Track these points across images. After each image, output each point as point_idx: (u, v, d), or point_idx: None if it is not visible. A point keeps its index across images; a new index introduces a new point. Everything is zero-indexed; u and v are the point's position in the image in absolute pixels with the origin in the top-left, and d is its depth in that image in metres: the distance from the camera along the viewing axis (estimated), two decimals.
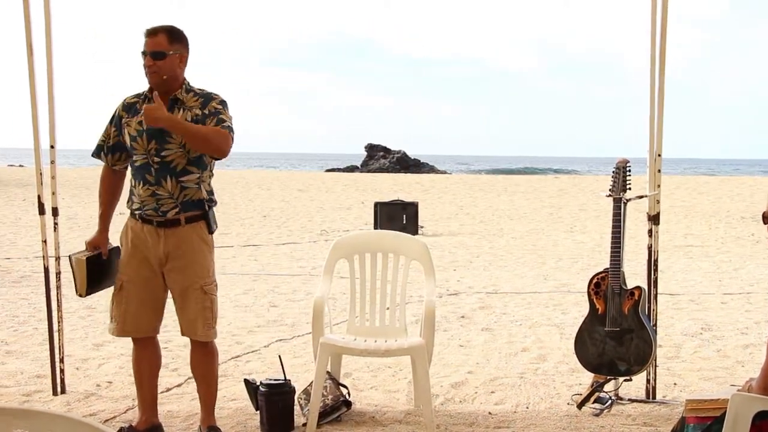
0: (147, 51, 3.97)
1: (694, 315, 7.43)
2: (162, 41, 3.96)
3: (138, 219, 4.08)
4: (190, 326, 4.12)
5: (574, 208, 20.58)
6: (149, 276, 4.08)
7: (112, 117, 4.14)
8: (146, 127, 3.98)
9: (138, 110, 4.04)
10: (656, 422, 4.52)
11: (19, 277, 9.32)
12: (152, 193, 4.00)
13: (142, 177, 4.03)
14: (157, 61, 3.95)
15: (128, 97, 4.15)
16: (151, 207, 4.02)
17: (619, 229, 4.74)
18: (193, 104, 4.03)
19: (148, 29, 3.99)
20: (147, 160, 4.01)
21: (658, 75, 4.71)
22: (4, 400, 4.91)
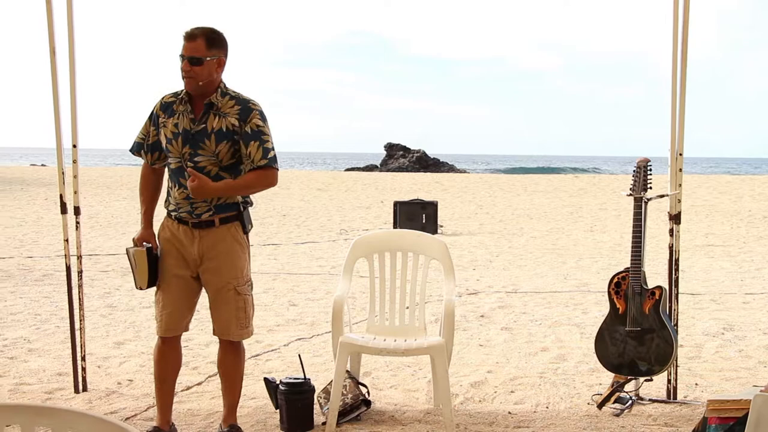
0: (185, 56, 3.91)
1: (715, 315, 7.38)
2: (200, 46, 3.89)
3: (174, 219, 4.08)
4: (224, 327, 4.14)
5: (595, 207, 20.49)
6: (185, 275, 4.08)
7: (151, 115, 4.11)
8: (181, 130, 3.97)
9: (174, 111, 4.02)
10: (677, 423, 4.49)
11: (41, 276, 9.39)
12: (187, 196, 3.99)
13: (176, 180, 4.02)
14: (195, 67, 3.89)
15: (166, 95, 4.10)
16: (185, 209, 4.02)
17: (639, 229, 4.72)
18: (229, 110, 3.97)
19: (187, 32, 3.93)
20: (181, 164, 4.00)
21: (680, 74, 4.68)
22: (27, 397, 4.95)
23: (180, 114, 4.01)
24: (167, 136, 4.01)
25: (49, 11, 4.77)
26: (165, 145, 4.03)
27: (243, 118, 3.97)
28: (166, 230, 4.12)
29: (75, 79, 4.86)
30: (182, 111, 4.01)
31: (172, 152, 4.01)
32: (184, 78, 3.93)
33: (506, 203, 21.77)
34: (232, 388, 4.24)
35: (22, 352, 5.97)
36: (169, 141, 4.00)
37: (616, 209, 19.42)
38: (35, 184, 26.76)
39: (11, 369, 5.52)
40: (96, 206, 18.97)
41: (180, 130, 3.98)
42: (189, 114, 3.99)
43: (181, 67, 3.92)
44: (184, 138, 3.97)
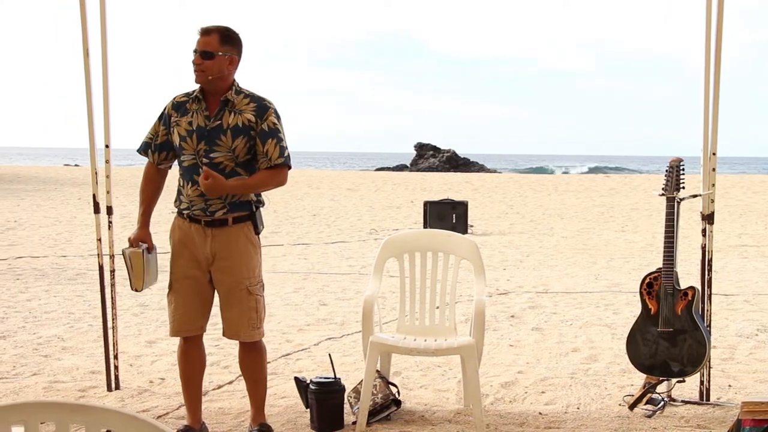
0: (197, 49, 3.97)
1: (749, 316, 7.30)
2: (213, 41, 3.96)
3: (186, 218, 4.10)
4: (234, 327, 4.13)
5: (626, 207, 20.34)
6: (197, 275, 4.11)
7: (161, 115, 4.14)
8: (195, 127, 4.00)
9: (187, 110, 4.06)
10: (710, 424, 4.45)
11: (74, 275, 9.50)
12: (201, 194, 4.00)
13: (190, 177, 4.04)
14: (206, 61, 3.95)
15: (178, 95, 4.14)
16: (199, 207, 4.04)
17: (672, 229, 4.68)
18: (245, 108, 4.02)
19: (203, 28, 4.00)
20: (196, 161, 4.02)
21: (713, 73, 4.63)
22: (61, 395, 5.01)
23: (193, 112, 4.04)
24: (181, 134, 4.04)
25: (83, 14, 4.82)
26: (179, 143, 4.04)
27: (259, 115, 4.02)
28: (178, 231, 4.14)
29: (108, 80, 4.92)
30: (196, 109, 4.04)
31: (186, 149, 4.03)
32: (195, 71, 3.98)
33: (537, 203, 21.67)
34: (255, 387, 4.26)
35: (56, 351, 6.03)
36: (183, 138, 4.03)
37: (647, 209, 19.26)
38: (69, 184, 27.06)
39: (45, 367, 5.59)
40: (128, 206, 19.13)
41: (194, 127, 4.01)
42: (204, 111, 4.03)
43: (192, 61, 3.98)
44: (199, 134, 4.00)
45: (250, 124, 4.00)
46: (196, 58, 3.97)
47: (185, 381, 4.25)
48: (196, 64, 3.97)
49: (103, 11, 4.84)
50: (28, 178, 30.02)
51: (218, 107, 4.02)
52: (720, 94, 4.66)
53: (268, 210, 4.35)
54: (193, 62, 3.98)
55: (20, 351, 6.02)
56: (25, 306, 7.68)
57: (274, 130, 4.02)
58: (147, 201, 4.25)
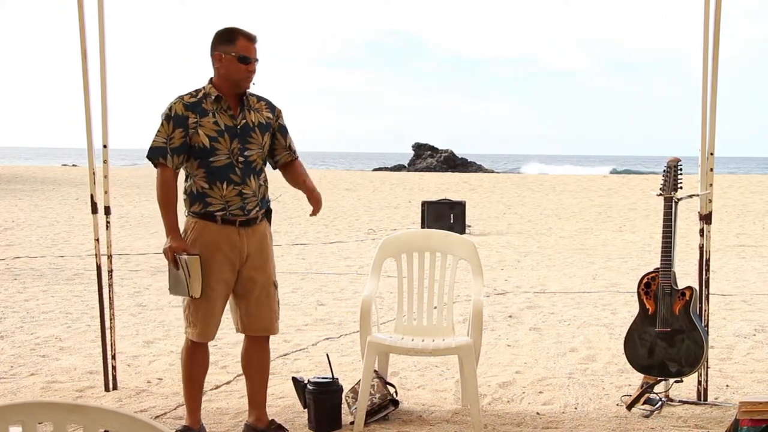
0: (254, 57, 4.02)
1: (747, 316, 7.31)
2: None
3: (217, 221, 4.04)
4: (268, 322, 4.20)
5: (624, 207, 20.35)
6: (230, 278, 4.09)
7: (171, 117, 4.01)
8: (224, 127, 4.00)
9: (206, 110, 4.01)
10: (708, 424, 4.45)
11: (72, 275, 9.49)
12: (239, 193, 4.02)
13: (225, 177, 4.00)
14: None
15: (185, 96, 4.06)
16: (237, 206, 4.03)
17: (670, 229, 4.68)
18: (258, 106, 4.14)
19: (250, 34, 4.03)
20: (231, 160, 4.01)
21: (711, 73, 4.64)
22: (58, 395, 5.01)
23: (214, 111, 4.02)
24: (209, 135, 3.99)
25: (80, 14, 4.82)
26: (209, 144, 3.98)
27: (273, 112, 4.19)
28: (208, 234, 4.04)
29: (106, 80, 4.91)
30: (216, 109, 4.03)
31: (220, 149, 4.00)
32: (246, 79, 4.03)
33: (534, 203, 21.68)
34: (265, 384, 4.31)
35: (54, 351, 6.03)
36: (214, 139, 3.99)
37: (645, 209, 19.28)
38: (67, 184, 27.05)
39: (43, 367, 5.58)
40: (126, 206, 19.13)
41: (222, 127, 4.01)
42: (227, 110, 4.04)
43: (247, 68, 4.00)
44: (231, 134, 4.01)
45: (269, 120, 4.15)
46: (252, 65, 4.01)
47: (189, 382, 4.23)
48: (252, 71, 4.03)
49: (101, 12, 4.84)
50: (26, 178, 30.01)
51: (239, 107, 4.07)
52: (718, 94, 4.66)
53: None
54: (249, 70, 4.01)
55: (18, 351, 6.01)
56: (22, 306, 7.67)
57: (286, 129, 4.25)
58: (174, 209, 4.06)
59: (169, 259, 4.00)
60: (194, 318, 4.09)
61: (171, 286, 4.08)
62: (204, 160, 4.00)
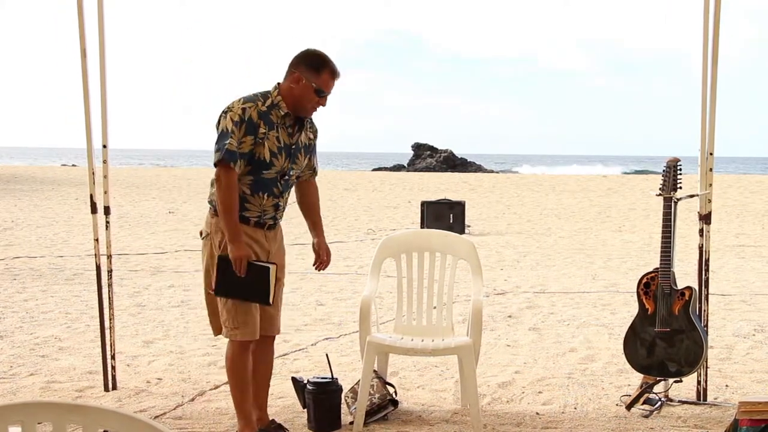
0: (328, 93, 4.04)
1: (746, 316, 7.31)
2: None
3: (250, 223, 4.05)
4: (278, 322, 4.28)
5: (623, 207, 20.36)
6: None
7: (246, 122, 3.90)
8: (283, 144, 4.01)
9: (273, 123, 3.97)
10: (707, 424, 4.45)
11: (71, 275, 9.49)
12: (275, 204, 4.09)
13: (268, 189, 4.03)
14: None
15: (258, 102, 3.96)
16: (270, 215, 4.10)
17: (669, 229, 4.68)
18: (308, 128, 4.19)
19: (336, 71, 4.04)
20: (277, 176, 4.04)
21: (710, 73, 4.64)
22: (58, 395, 5.00)
23: (278, 126, 4.00)
24: (272, 150, 3.97)
25: (80, 13, 4.82)
26: (269, 158, 3.96)
27: (314, 132, 4.25)
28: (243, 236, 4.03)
29: (105, 80, 4.91)
30: (280, 124, 4.00)
31: (275, 165, 4.00)
32: (312, 109, 4.06)
33: (534, 203, 21.69)
34: (269, 383, 4.35)
35: (53, 351, 6.03)
36: (274, 154, 3.98)
37: (645, 209, 19.28)
38: (66, 184, 27.04)
39: (42, 367, 5.58)
40: (126, 206, 19.13)
41: (282, 144, 4.01)
42: (287, 128, 4.04)
43: (317, 100, 4.01)
44: (287, 152, 4.04)
45: (310, 142, 4.21)
46: (325, 100, 4.03)
47: (244, 385, 4.14)
48: (323, 105, 4.05)
49: (101, 11, 4.83)
50: (26, 178, 30.01)
51: (297, 125, 4.09)
52: (718, 94, 4.66)
53: None
54: (321, 103, 4.04)
55: (17, 351, 6.01)
56: (22, 306, 7.67)
57: (316, 146, 4.31)
58: (237, 213, 3.97)
59: (241, 267, 3.91)
60: (243, 319, 4.03)
61: (226, 290, 4.01)
62: (257, 170, 3.98)
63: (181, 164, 68.14)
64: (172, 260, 10.78)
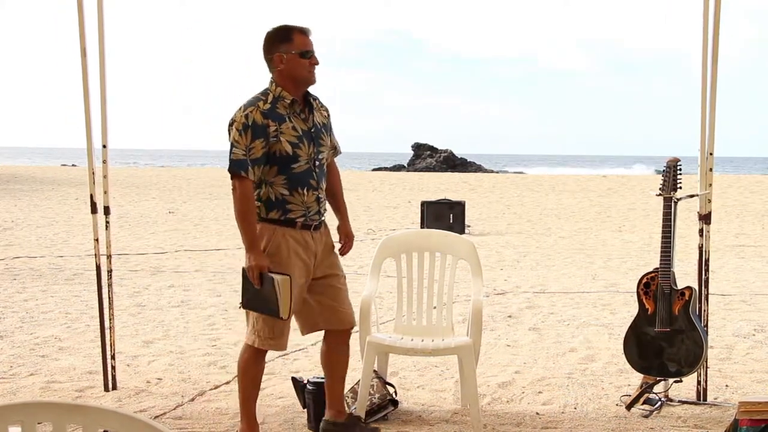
0: (313, 50, 3.94)
1: (746, 316, 7.31)
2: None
3: (297, 226, 3.97)
4: (350, 315, 4.25)
5: (623, 207, 20.36)
6: (303, 284, 4.02)
7: (250, 127, 3.83)
8: (302, 132, 3.93)
9: (282, 115, 3.89)
10: (707, 424, 4.45)
11: (71, 275, 9.49)
12: (316, 198, 4.01)
13: (305, 183, 3.95)
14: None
15: (259, 103, 3.88)
16: (315, 211, 4.02)
17: (669, 229, 4.68)
18: (319, 107, 4.10)
19: (303, 28, 3.93)
20: (309, 165, 3.96)
21: (710, 73, 4.64)
22: (58, 395, 5.00)
23: (289, 116, 3.92)
24: (291, 141, 3.90)
25: (80, 13, 4.82)
26: (291, 151, 3.89)
27: (326, 110, 4.15)
28: (289, 241, 3.96)
29: (105, 79, 4.91)
30: (290, 113, 3.93)
31: (301, 155, 3.93)
32: (310, 72, 3.94)
33: (534, 203, 21.69)
34: (345, 378, 4.34)
35: (53, 351, 6.03)
36: (296, 145, 3.90)
37: (645, 209, 19.28)
38: (66, 184, 27.04)
39: (42, 367, 5.58)
40: (125, 206, 19.13)
41: (300, 132, 3.93)
42: (300, 114, 3.97)
43: (310, 63, 3.92)
44: (308, 138, 3.96)
45: (326, 120, 4.13)
46: (314, 58, 3.94)
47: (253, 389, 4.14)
48: (316, 64, 3.96)
49: (101, 10, 4.83)
50: (26, 178, 30.01)
51: (307, 108, 4.01)
52: (718, 94, 4.66)
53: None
54: (312, 62, 3.94)
55: (17, 351, 6.01)
56: (22, 306, 7.67)
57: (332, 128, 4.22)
58: (255, 222, 3.90)
59: (254, 277, 3.83)
60: (281, 330, 3.97)
61: (249, 302, 3.94)
62: (285, 167, 3.90)
63: (176, 164, 67.68)
64: (172, 260, 10.78)
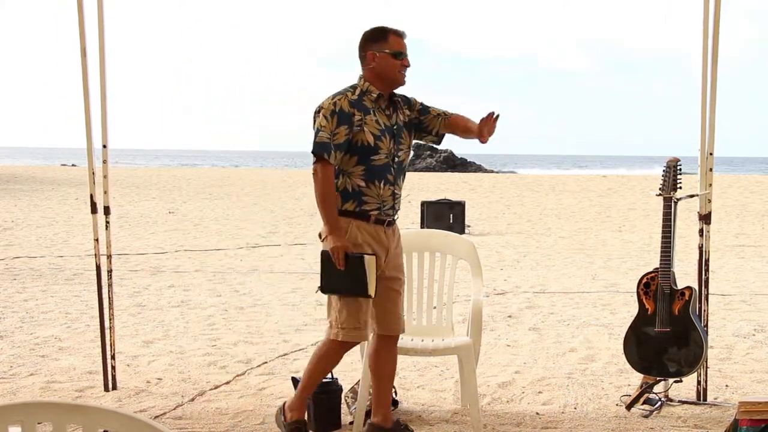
0: (406, 52, 4.04)
1: (746, 316, 7.31)
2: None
3: (370, 220, 4.01)
4: (402, 321, 4.23)
5: (623, 207, 20.36)
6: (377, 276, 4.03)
7: (337, 113, 3.93)
8: (384, 127, 4.00)
9: (368, 108, 3.98)
10: (707, 424, 4.45)
11: (71, 275, 9.49)
12: (392, 193, 4.04)
13: (383, 177, 4.00)
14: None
15: (347, 93, 4.00)
16: (390, 206, 4.05)
17: (669, 229, 4.68)
18: (402, 106, 4.14)
19: (399, 31, 4.04)
20: (388, 160, 4.02)
21: (710, 73, 4.64)
22: (58, 395, 5.00)
23: (374, 110, 4.00)
24: (374, 133, 3.97)
25: (80, 12, 4.81)
26: (374, 142, 3.96)
27: (408, 105, 4.17)
28: (362, 234, 4.00)
29: (105, 79, 4.91)
30: (376, 107, 4.01)
31: (382, 148, 3.99)
32: (400, 73, 4.03)
33: (534, 203, 21.69)
34: (393, 382, 4.33)
35: (53, 351, 6.03)
36: (378, 138, 3.98)
37: (645, 209, 19.28)
38: (66, 184, 27.04)
39: (42, 367, 5.58)
40: (125, 206, 19.13)
41: (383, 126, 4.00)
42: (384, 110, 4.04)
43: (399, 63, 4.00)
44: (390, 134, 4.02)
45: (409, 117, 4.16)
46: (406, 60, 4.03)
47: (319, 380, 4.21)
48: (407, 66, 4.04)
49: (101, 10, 4.83)
50: (26, 178, 30.01)
51: (392, 106, 4.08)
52: (718, 94, 4.66)
53: (266, 210, 4.35)
54: (404, 64, 4.02)
55: (17, 351, 6.01)
56: (22, 306, 7.67)
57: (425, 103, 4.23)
58: (335, 205, 3.97)
59: (339, 258, 3.90)
60: (357, 322, 3.99)
61: (330, 285, 3.99)
62: (365, 157, 3.97)
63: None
64: (172, 260, 10.78)
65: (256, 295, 8.28)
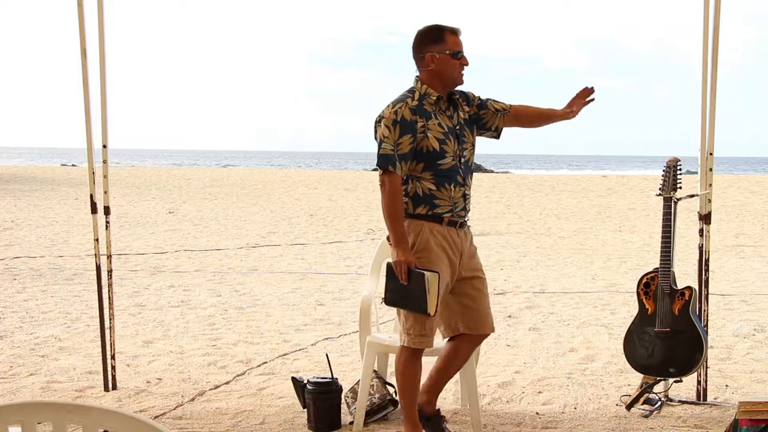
0: (463, 51, 3.98)
1: (746, 316, 7.31)
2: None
3: (443, 222, 3.97)
4: (491, 320, 4.25)
5: (623, 207, 20.36)
6: (448, 281, 4.02)
7: (399, 123, 3.86)
8: (447, 128, 3.96)
9: (429, 112, 3.92)
10: (707, 424, 4.45)
11: (71, 275, 9.49)
12: (463, 194, 4.00)
13: (453, 179, 3.96)
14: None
15: (407, 100, 3.92)
16: (461, 207, 4.01)
17: (669, 229, 4.68)
18: (462, 102, 4.08)
19: (455, 29, 3.98)
20: (455, 162, 3.98)
21: (710, 73, 4.64)
22: (58, 395, 5.01)
23: (435, 113, 3.95)
24: (438, 138, 3.92)
25: (80, 12, 4.82)
26: (439, 147, 3.91)
27: (467, 100, 4.10)
28: (435, 235, 3.95)
29: (105, 79, 4.91)
30: (436, 110, 3.96)
31: (448, 151, 3.94)
32: (460, 73, 3.98)
33: (534, 203, 21.69)
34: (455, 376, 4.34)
35: (53, 351, 6.03)
36: (442, 141, 3.93)
37: (645, 209, 19.28)
38: (66, 184, 27.05)
39: (42, 367, 5.58)
40: (125, 206, 19.13)
41: (446, 129, 3.96)
42: (445, 111, 4.00)
43: (458, 63, 3.95)
44: (453, 135, 3.98)
45: (469, 114, 4.10)
46: (464, 59, 3.97)
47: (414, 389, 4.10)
48: (466, 65, 3.99)
49: (101, 10, 4.83)
50: (26, 178, 30.02)
51: (452, 105, 4.04)
52: (718, 94, 4.66)
53: (266, 210, 4.35)
54: (463, 63, 3.97)
55: (17, 351, 6.01)
56: (22, 306, 7.67)
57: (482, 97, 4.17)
58: (403, 218, 3.92)
59: (402, 272, 3.86)
60: (423, 329, 3.96)
61: (393, 299, 3.97)
62: (432, 162, 3.92)
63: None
64: (172, 260, 10.78)
65: (256, 295, 8.29)
